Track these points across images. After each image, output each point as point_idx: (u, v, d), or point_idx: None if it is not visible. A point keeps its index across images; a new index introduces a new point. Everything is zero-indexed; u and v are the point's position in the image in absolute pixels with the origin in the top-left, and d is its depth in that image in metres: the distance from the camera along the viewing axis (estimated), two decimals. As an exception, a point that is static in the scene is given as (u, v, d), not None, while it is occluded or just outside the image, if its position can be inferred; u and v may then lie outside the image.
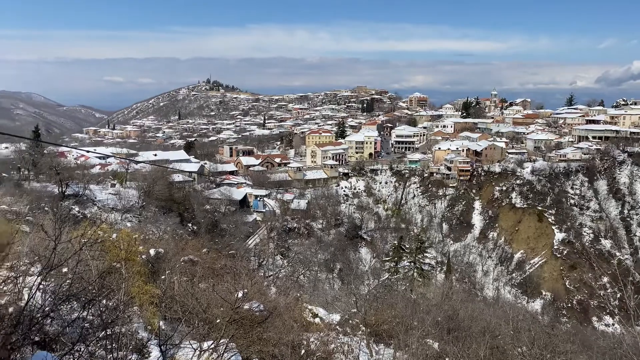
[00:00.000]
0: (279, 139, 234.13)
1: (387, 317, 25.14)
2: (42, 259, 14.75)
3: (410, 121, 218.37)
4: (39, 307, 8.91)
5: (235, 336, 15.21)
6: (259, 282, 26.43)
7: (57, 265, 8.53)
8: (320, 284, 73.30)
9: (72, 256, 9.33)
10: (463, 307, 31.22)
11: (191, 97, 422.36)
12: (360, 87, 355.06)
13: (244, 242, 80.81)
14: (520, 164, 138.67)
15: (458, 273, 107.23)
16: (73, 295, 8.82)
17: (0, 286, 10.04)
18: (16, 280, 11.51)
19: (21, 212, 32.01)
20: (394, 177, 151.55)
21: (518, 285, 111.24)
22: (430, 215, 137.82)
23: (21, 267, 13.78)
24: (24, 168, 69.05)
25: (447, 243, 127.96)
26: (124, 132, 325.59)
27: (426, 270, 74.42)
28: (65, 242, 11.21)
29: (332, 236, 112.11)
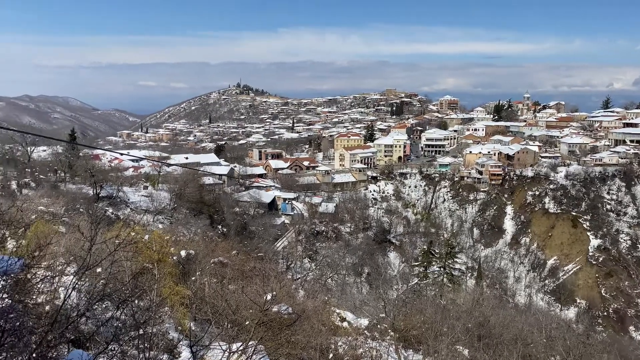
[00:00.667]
0: (308, 142, 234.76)
1: (416, 323, 24.87)
2: (77, 259, 15.14)
3: (441, 124, 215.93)
4: (74, 306, 9.13)
5: (264, 338, 15.25)
6: (287, 284, 26.50)
7: (93, 266, 8.73)
8: (348, 287, 73.04)
9: (107, 257, 9.53)
10: (494, 313, 30.63)
11: (222, 101, 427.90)
12: (390, 90, 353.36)
13: (272, 244, 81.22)
14: (554, 168, 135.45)
15: (489, 279, 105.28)
16: (107, 295, 9.00)
17: (37, 285, 10.32)
18: (52, 279, 11.82)
19: (57, 213, 32.89)
20: (423, 181, 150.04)
21: (551, 293, 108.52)
22: (461, 220, 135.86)
23: (57, 266, 14.16)
24: (60, 170, 71.07)
25: (478, 248, 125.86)
26: (157, 135, 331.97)
27: (456, 276, 73.39)
28: (100, 243, 11.47)
29: (360, 240, 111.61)
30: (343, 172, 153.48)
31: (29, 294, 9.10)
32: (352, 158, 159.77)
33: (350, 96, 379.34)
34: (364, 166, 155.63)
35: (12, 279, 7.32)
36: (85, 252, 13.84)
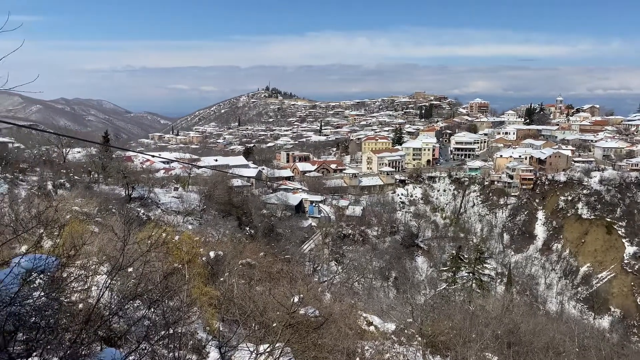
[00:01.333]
0: (335, 145, 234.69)
1: (444, 328, 24.57)
2: (110, 259, 15.50)
3: (471, 128, 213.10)
4: (107, 305, 9.34)
5: (291, 341, 15.30)
6: (314, 287, 26.53)
7: (125, 266, 8.92)
8: (375, 291, 72.56)
9: (139, 257, 9.73)
10: (524, 321, 30.01)
11: (251, 104, 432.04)
12: (419, 93, 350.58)
13: (299, 247, 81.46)
14: (588, 173, 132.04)
15: (519, 285, 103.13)
16: (139, 295, 9.18)
17: (71, 284, 10.59)
18: (86, 278, 12.11)
19: (91, 214, 33.70)
20: (452, 185, 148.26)
21: (584, 300, 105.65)
22: (491, 225, 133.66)
23: (91, 266, 14.52)
24: (94, 171, 72.87)
25: (508, 254, 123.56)
26: (187, 138, 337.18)
27: (485, 282, 72.13)
28: (133, 243, 11.70)
29: (387, 244, 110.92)
30: (370, 175, 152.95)
31: (64, 292, 9.34)
32: (379, 161, 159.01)
33: (378, 99, 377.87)
34: (391, 169, 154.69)
35: (48, 277, 7.54)
36: (118, 252, 14.14)
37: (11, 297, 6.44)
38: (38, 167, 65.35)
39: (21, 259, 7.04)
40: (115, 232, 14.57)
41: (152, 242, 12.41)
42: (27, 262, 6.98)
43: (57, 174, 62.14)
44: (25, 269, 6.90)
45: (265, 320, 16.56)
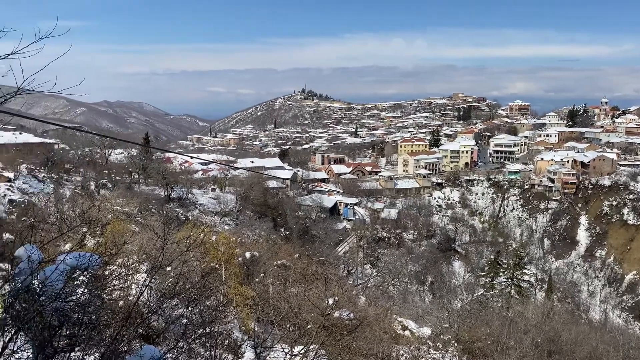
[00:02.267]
0: (371, 147, 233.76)
1: (481, 335, 24.10)
2: (149, 258, 15.88)
3: (510, 130, 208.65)
4: (146, 303, 9.55)
5: (325, 343, 15.28)
6: (348, 290, 26.46)
7: (165, 265, 9.10)
8: (410, 296, 71.82)
9: (178, 257, 9.92)
10: (566, 329, 29.06)
11: (286, 106, 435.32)
12: (457, 95, 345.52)
13: (333, 249, 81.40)
14: (634, 177, 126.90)
15: (560, 292, 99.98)
16: (177, 294, 9.36)
17: (112, 281, 10.89)
18: (126, 276, 12.42)
19: (131, 213, 34.63)
20: (491, 189, 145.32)
21: (629, 310, 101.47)
22: (531, 230, 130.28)
23: (131, 264, 14.91)
24: (134, 172, 74.87)
25: (549, 260, 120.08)
26: (224, 140, 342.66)
27: (525, 288, 70.38)
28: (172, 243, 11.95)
29: (423, 247, 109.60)
30: (406, 178, 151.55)
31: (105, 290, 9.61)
32: (416, 164, 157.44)
33: (415, 100, 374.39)
34: (428, 172, 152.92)
35: (91, 275, 7.78)
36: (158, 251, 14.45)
37: (56, 293, 6.67)
38: (82, 167, 67.56)
39: (66, 257, 7.28)
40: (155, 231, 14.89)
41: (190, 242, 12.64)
42: (71, 260, 7.21)
43: (99, 174, 64.13)
44: (70, 266, 7.12)
45: (300, 322, 16.60)
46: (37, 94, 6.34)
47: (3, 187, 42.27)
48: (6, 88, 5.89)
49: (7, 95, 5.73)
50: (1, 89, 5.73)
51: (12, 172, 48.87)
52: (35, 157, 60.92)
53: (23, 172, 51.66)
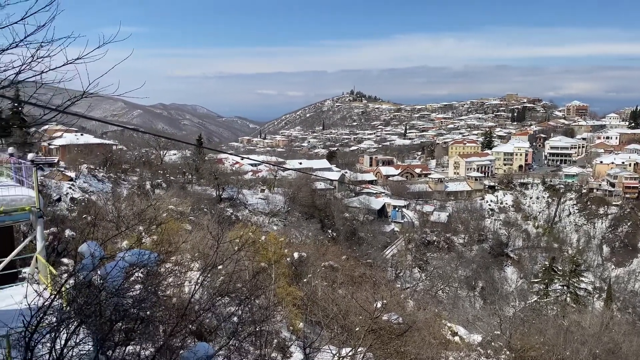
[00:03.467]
0: (420, 149, 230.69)
1: (534, 343, 23.29)
2: (202, 256, 16.28)
3: (567, 131, 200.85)
4: (198, 300, 9.79)
5: (373, 346, 15.19)
6: (397, 293, 26.19)
7: (219, 264, 9.31)
8: (460, 301, 70.23)
9: (231, 256, 10.12)
10: (626, 340, 27.67)
11: (335, 108, 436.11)
12: (510, 95, 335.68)
13: (381, 252, 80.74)
14: None
15: (620, 302, 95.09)
16: (229, 293, 9.54)
17: (167, 278, 11.23)
18: (180, 274, 12.78)
19: (185, 212, 35.61)
20: (546, 192, 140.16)
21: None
22: (588, 236, 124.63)
23: (184, 262, 15.34)
24: (188, 172, 77.04)
25: (608, 267, 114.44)
26: (274, 141, 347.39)
27: (581, 296, 67.55)
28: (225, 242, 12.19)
29: (474, 252, 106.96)
30: (457, 180, 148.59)
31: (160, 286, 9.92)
32: (467, 166, 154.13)
33: (467, 101, 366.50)
34: (480, 175, 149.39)
35: (148, 272, 8.05)
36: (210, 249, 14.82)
37: (116, 289, 6.95)
38: (138, 167, 70.04)
39: (126, 254, 7.57)
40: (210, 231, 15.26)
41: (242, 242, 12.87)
42: (130, 257, 7.50)
43: (154, 174, 66.34)
44: (129, 263, 7.41)
45: (348, 324, 16.57)
46: (98, 97, 6.63)
47: (65, 186, 44.46)
48: (72, 92, 6.18)
49: (74, 98, 6.02)
50: (68, 92, 6.03)
51: (73, 172, 51.34)
52: (95, 157, 63.69)
53: (84, 171, 54.20)
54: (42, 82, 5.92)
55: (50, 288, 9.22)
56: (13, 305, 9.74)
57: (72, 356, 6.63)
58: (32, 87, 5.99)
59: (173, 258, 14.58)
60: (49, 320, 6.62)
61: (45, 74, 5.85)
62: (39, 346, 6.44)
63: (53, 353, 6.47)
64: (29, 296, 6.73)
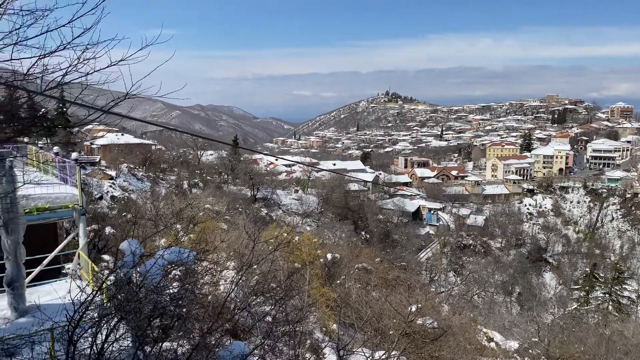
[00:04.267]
0: (457, 151, 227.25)
1: (574, 352, 22.60)
2: (237, 255, 16.46)
3: (611, 134, 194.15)
4: (234, 299, 9.89)
5: (407, 350, 15.03)
6: (432, 297, 25.84)
7: (255, 263, 9.38)
8: (497, 306, 68.75)
9: (267, 256, 10.19)
10: (675, 353, 26.43)
11: (370, 109, 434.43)
12: (551, 97, 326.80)
13: (415, 254, 79.89)
14: None
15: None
16: (264, 293, 9.59)
17: (203, 277, 11.39)
18: (216, 272, 12.94)
19: (221, 212, 36.12)
20: (588, 197, 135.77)
21: None
22: (633, 242, 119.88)
23: (220, 261, 15.54)
24: (224, 172, 78.16)
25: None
26: (308, 142, 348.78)
27: (625, 305, 65.10)
28: (261, 242, 12.29)
29: (511, 257, 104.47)
30: (495, 183, 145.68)
31: (196, 284, 10.07)
32: (505, 169, 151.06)
33: (505, 103, 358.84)
34: (518, 178, 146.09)
35: (185, 270, 8.19)
36: (245, 249, 14.94)
37: (155, 286, 7.08)
38: (176, 167, 71.54)
39: (165, 252, 7.72)
40: (247, 231, 15.41)
41: (278, 242, 12.95)
42: (170, 255, 7.64)
43: (192, 174, 67.60)
44: (168, 261, 7.54)
45: (381, 327, 16.45)
46: (139, 98, 6.78)
47: (106, 184, 45.77)
48: (115, 93, 6.34)
49: (118, 99, 6.18)
50: (112, 94, 6.19)
51: (114, 171, 52.84)
52: (134, 156, 65.36)
53: (124, 170, 55.71)
54: (87, 84, 6.09)
55: (92, 284, 9.50)
56: (57, 299, 10.07)
57: (112, 351, 6.80)
58: (77, 88, 6.17)
59: (210, 257, 14.79)
60: (91, 316, 6.81)
61: (90, 75, 6.03)
62: (81, 340, 6.62)
63: (94, 348, 6.64)
64: (72, 291, 6.93)
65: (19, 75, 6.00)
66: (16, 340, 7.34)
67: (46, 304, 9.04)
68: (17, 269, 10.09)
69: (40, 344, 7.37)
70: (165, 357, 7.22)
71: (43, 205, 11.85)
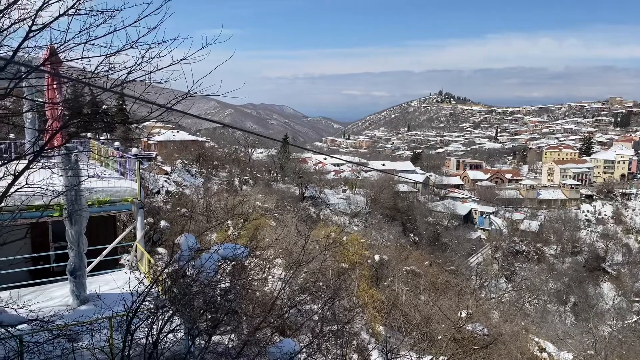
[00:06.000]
0: (512, 153, 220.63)
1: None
2: (285, 252, 16.62)
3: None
4: (283, 297, 9.97)
5: (455, 356, 14.73)
6: (482, 303, 25.18)
7: (307, 262, 9.44)
8: (550, 316, 66.17)
9: (318, 255, 10.24)
10: None
11: (421, 109, 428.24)
12: (614, 99, 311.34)
13: (465, 259, 78.08)
14: None
15: None
16: (314, 292, 9.63)
17: (252, 272, 11.56)
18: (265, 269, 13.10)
19: (270, 209, 36.59)
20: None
21: None
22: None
23: (269, 257, 15.73)
24: (273, 170, 79.16)
25: None
26: (357, 142, 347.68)
27: (690, 320, 61.17)
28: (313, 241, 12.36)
29: (567, 265, 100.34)
30: (551, 187, 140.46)
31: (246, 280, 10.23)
32: (562, 173, 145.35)
33: (564, 104, 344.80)
34: (576, 183, 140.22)
35: (237, 265, 8.33)
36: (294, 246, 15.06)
37: (208, 281, 7.24)
38: (228, 164, 73.03)
39: (219, 247, 7.88)
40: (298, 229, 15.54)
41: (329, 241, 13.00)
42: (223, 250, 7.80)
43: (242, 171, 68.86)
44: (221, 256, 7.70)
45: (429, 332, 16.19)
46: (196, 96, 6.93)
47: (162, 179, 47.29)
48: (176, 92, 6.53)
49: (180, 97, 6.35)
50: (173, 92, 6.37)
51: (169, 166, 54.55)
52: (188, 153, 67.23)
53: (178, 166, 57.42)
54: (150, 82, 6.29)
55: (149, 276, 9.83)
56: (115, 289, 10.48)
57: (166, 342, 7.00)
58: (140, 86, 6.38)
59: (259, 253, 15.00)
60: (147, 307, 7.04)
61: (153, 73, 6.22)
62: (138, 330, 6.86)
63: (149, 338, 6.87)
64: (130, 282, 7.19)
65: (88, 73, 6.27)
66: (77, 327, 7.70)
67: (105, 293, 9.43)
68: (79, 258, 10.57)
69: (99, 331, 7.70)
70: (216, 350, 7.37)
71: (104, 198, 12.37)
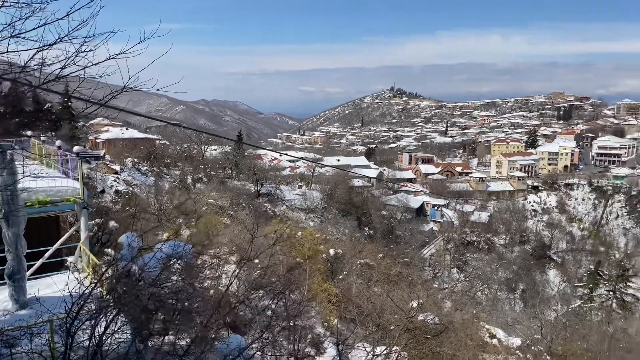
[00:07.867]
0: (461, 147, 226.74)
1: (576, 349, 22.57)
2: (239, 250, 16.49)
3: (617, 131, 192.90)
4: (234, 293, 9.90)
5: (408, 346, 15.03)
6: (434, 293, 25.80)
7: (254, 257, 9.39)
8: (500, 303, 68.71)
9: (266, 250, 10.20)
10: (678, 351, 26.36)
11: (374, 105, 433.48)
12: (557, 93, 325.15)
13: (418, 251, 79.80)
14: None
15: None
16: (264, 286, 9.61)
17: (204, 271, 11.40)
18: (217, 266, 12.96)
19: (224, 206, 36.16)
20: (593, 194, 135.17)
21: None
22: (637, 240, 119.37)
23: (222, 255, 15.56)
24: (228, 168, 78.24)
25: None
26: (312, 138, 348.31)
27: (629, 302, 64.92)
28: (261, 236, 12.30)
29: (515, 254, 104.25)
30: (499, 180, 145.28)
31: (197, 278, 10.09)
32: (510, 165, 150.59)
33: (511, 99, 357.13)
34: (523, 174, 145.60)
35: (185, 263, 8.20)
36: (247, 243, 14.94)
37: (153, 279, 7.09)
38: (180, 162, 71.62)
39: (163, 245, 7.73)
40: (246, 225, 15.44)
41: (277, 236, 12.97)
42: (167, 248, 7.65)
43: (196, 169, 67.69)
44: (166, 254, 7.55)
45: (383, 323, 16.45)
46: (142, 92, 6.78)
47: (110, 179, 45.86)
48: (113, 86, 6.34)
49: (115, 92, 6.17)
50: (109, 87, 6.18)
51: (118, 165, 52.92)
52: (139, 151, 65.44)
53: (128, 165, 55.81)
54: (85, 77, 6.08)
55: (91, 277, 9.54)
56: (57, 292, 10.11)
57: (110, 343, 6.82)
58: (75, 81, 6.17)
59: (211, 251, 14.81)
60: (89, 308, 6.83)
61: (88, 68, 6.02)
62: (79, 332, 6.64)
63: (92, 339, 6.66)
64: (70, 284, 6.95)
65: (17, 68, 6.00)
66: (15, 332, 7.39)
67: (46, 296, 9.09)
68: (17, 261, 10.13)
69: (39, 335, 7.41)
70: (164, 350, 7.24)
71: (44, 198, 11.89)
